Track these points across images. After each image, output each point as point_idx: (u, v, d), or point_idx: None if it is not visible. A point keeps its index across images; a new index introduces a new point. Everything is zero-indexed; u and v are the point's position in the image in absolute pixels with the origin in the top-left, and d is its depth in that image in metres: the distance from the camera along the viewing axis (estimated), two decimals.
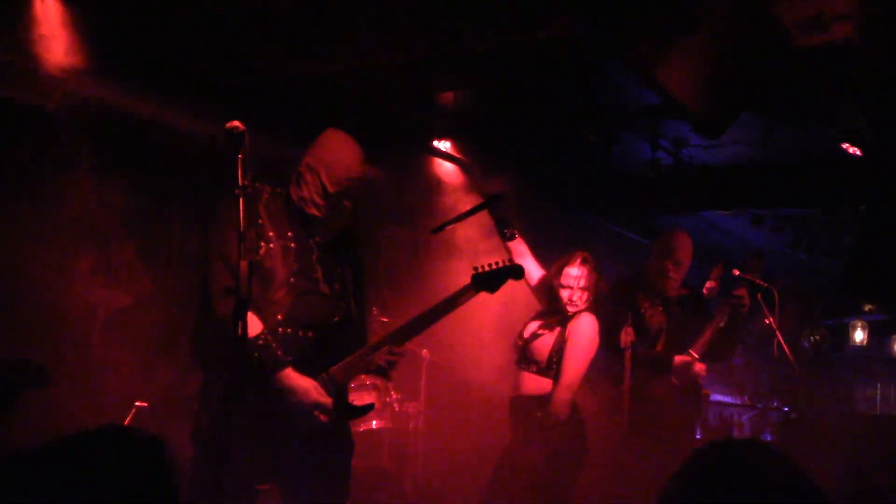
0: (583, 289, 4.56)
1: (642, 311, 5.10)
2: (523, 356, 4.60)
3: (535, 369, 4.53)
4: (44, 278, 4.67)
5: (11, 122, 4.61)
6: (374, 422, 5.91)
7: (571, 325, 4.52)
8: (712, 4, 3.66)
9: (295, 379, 3.23)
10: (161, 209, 5.45)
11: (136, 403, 4.67)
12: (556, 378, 4.44)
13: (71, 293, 4.76)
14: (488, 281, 3.60)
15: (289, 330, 3.28)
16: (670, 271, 5.20)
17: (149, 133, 5.20)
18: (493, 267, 3.61)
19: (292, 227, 3.39)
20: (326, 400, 3.28)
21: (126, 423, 4.64)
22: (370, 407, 3.65)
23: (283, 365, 3.20)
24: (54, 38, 4.53)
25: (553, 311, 4.64)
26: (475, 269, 3.62)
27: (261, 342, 3.18)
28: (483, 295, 3.64)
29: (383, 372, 3.47)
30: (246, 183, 2.91)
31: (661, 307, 5.19)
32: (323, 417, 3.28)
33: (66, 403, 4.49)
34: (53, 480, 1.23)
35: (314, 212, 3.40)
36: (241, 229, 2.84)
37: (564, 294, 4.57)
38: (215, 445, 2.97)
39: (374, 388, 6.04)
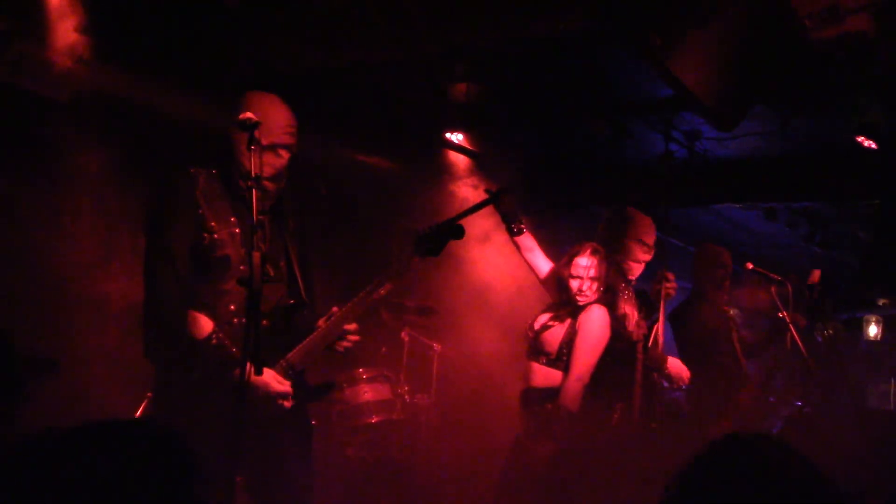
0: (592, 279, 4.53)
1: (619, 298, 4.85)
2: (533, 347, 4.59)
3: (544, 360, 4.52)
4: (59, 269, 4.70)
5: (26, 113, 4.63)
6: (384, 413, 5.93)
7: (582, 317, 4.50)
8: None
9: (252, 373, 3.15)
10: None
11: (149, 393, 4.69)
12: (565, 370, 4.43)
13: (85, 284, 4.79)
14: (429, 244, 3.47)
15: (243, 320, 3.20)
16: (643, 255, 5.03)
17: (163, 126, 5.21)
18: (433, 229, 3.49)
19: (234, 210, 3.30)
20: (286, 388, 3.24)
21: (139, 413, 4.67)
22: (331, 385, 3.63)
23: (238, 362, 3.11)
24: (68, 30, 4.55)
25: (564, 303, 4.63)
26: (416, 233, 3.50)
27: (213, 342, 3.13)
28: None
29: (340, 349, 3.43)
30: (258, 174, 2.91)
31: (629, 292, 5.04)
32: (286, 404, 3.24)
33: (80, 393, 4.52)
34: (69, 469, 1.21)
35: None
36: (255, 221, 2.84)
37: (574, 284, 4.55)
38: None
39: (387, 379, 6.05)
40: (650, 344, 4.95)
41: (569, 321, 4.52)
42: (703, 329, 5.80)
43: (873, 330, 11.05)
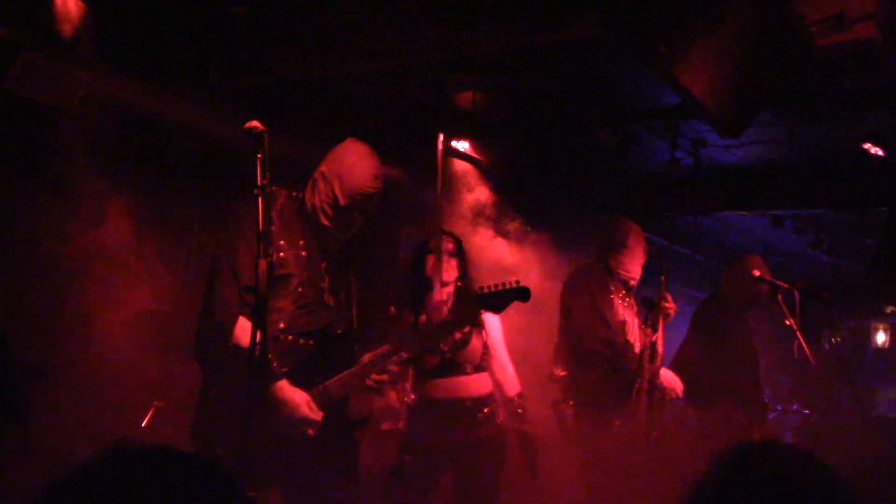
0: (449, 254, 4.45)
1: (615, 303, 4.90)
2: (451, 365, 4.41)
3: (470, 368, 4.41)
4: (65, 277, 4.71)
5: (35, 122, 4.65)
6: (392, 422, 5.91)
7: (484, 322, 4.43)
8: (732, 4, 3.64)
9: (287, 392, 3.19)
10: (181, 210, 5.48)
11: (155, 402, 4.70)
12: (493, 367, 4.45)
13: (92, 292, 4.80)
14: (494, 301, 3.60)
15: (290, 337, 3.26)
16: (643, 258, 5.02)
17: (169, 134, 5.23)
18: (500, 288, 3.59)
19: (304, 235, 3.37)
20: (316, 415, 3.23)
21: (145, 421, 4.68)
22: (364, 421, 3.65)
23: (277, 378, 3.17)
24: (76, 40, 4.57)
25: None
26: (481, 288, 3.62)
27: (258, 353, 3.16)
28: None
29: (375, 391, 3.48)
30: (265, 182, 2.92)
31: (630, 300, 5.01)
32: (310, 432, 3.23)
33: (87, 401, 4.52)
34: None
35: (324, 221, 3.38)
36: (261, 229, 2.85)
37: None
38: (213, 447, 2.98)
39: (394, 389, 6.04)
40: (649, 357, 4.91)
41: (475, 331, 4.42)
42: (724, 336, 5.76)
43: (881, 337, 11.01)
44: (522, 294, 3.63)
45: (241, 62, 5.33)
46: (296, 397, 3.21)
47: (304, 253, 3.34)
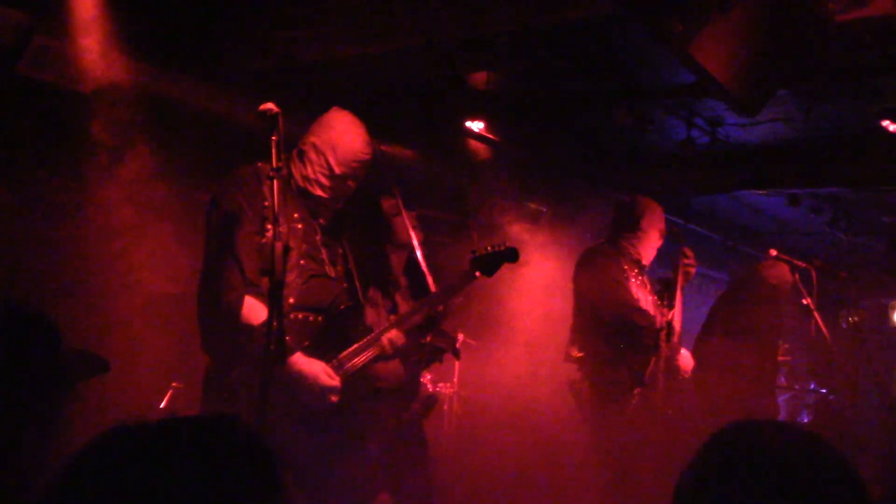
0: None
1: (630, 283, 4.87)
2: None
3: None
4: (83, 260, 4.73)
5: (49, 105, 4.66)
6: None
7: None
8: None
9: (304, 364, 3.20)
10: (196, 193, 5.49)
11: (173, 384, 4.73)
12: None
13: (109, 275, 4.82)
14: (485, 264, 3.63)
15: (300, 315, 3.27)
16: (658, 241, 5.02)
17: (184, 117, 5.23)
18: (490, 250, 3.64)
19: (297, 208, 3.36)
20: (335, 382, 3.25)
21: (163, 403, 4.71)
22: (379, 391, 3.67)
23: (292, 351, 3.17)
24: (90, 23, 4.57)
25: None
26: (472, 252, 3.65)
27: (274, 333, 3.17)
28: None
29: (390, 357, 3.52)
30: (280, 165, 2.92)
31: (643, 278, 4.98)
32: (334, 398, 3.25)
33: (105, 382, 4.54)
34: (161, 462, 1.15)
35: (318, 192, 3.38)
36: (276, 211, 2.84)
37: None
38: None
39: None
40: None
41: None
42: (748, 315, 5.77)
43: None
44: (511, 255, 3.69)
45: (255, 44, 5.32)
46: (314, 367, 3.22)
47: (299, 226, 3.34)
